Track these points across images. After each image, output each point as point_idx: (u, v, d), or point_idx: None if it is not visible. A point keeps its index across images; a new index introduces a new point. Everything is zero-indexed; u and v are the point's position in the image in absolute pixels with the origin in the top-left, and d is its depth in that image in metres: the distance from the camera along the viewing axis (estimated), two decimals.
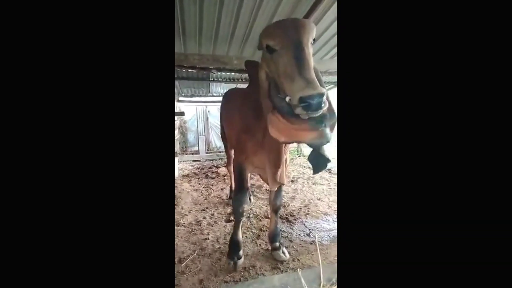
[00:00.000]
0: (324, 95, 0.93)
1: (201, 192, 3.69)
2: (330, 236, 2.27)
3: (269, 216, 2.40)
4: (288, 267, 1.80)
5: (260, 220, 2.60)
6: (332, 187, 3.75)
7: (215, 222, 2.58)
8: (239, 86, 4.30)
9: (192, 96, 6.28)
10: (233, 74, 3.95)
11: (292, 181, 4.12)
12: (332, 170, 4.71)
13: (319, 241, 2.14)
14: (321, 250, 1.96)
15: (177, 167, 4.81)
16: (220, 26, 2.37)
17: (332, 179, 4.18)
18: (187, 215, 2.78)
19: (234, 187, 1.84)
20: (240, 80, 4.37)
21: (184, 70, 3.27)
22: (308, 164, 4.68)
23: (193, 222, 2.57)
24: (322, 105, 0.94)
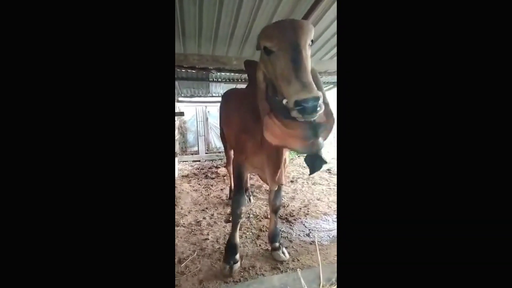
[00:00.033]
0: (319, 99, 0.93)
1: (200, 192, 3.68)
2: (329, 236, 2.27)
3: (268, 217, 2.40)
4: (288, 267, 1.80)
5: (259, 220, 2.60)
6: (331, 187, 3.75)
7: (214, 222, 2.58)
8: (239, 86, 4.31)
9: (191, 96, 6.28)
10: (232, 74, 3.95)
11: (292, 181, 4.12)
12: (332, 170, 4.71)
13: (318, 241, 2.14)
14: (320, 250, 1.96)
15: (176, 167, 4.81)
16: (220, 26, 2.37)
17: (332, 179, 4.18)
18: (186, 215, 2.78)
19: (233, 188, 1.84)
20: (239, 80, 4.37)
21: (183, 70, 3.27)
22: None
23: (192, 223, 2.57)
24: (318, 108, 0.94)
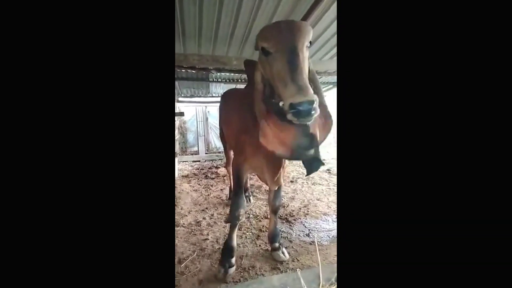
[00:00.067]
0: (314, 102, 0.93)
1: (200, 192, 3.68)
2: (329, 236, 2.27)
3: (268, 217, 2.40)
4: (287, 268, 1.80)
5: (259, 220, 2.60)
6: (331, 187, 3.75)
7: (214, 222, 2.57)
8: (239, 86, 4.31)
9: (191, 96, 6.29)
10: (232, 74, 3.96)
11: (292, 181, 4.12)
12: (332, 170, 4.72)
13: (318, 241, 2.14)
14: (320, 251, 1.96)
15: (176, 167, 4.81)
16: (220, 26, 2.37)
17: (332, 179, 4.18)
18: (186, 215, 2.78)
19: (232, 190, 1.82)
20: (239, 80, 4.37)
21: (183, 70, 3.28)
22: None
23: (192, 223, 2.57)
24: (313, 112, 0.94)
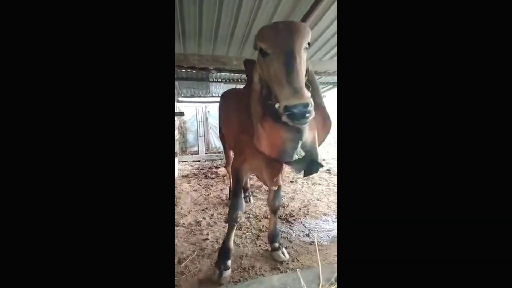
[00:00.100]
0: (309, 105, 0.93)
1: (200, 192, 3.68)
2: (329, 236, 2.27)
3: (268, 217, 2.40)
4: (287, 268, 1.80)
5: (259, 220, 2.59)
6: (331, 187, 3.75)
7: (214, 222, 2.57)
8: (239, 86, 4.30)
9: (191, 96, 6.28)
10: (232, 74, 3.95)
11: (292, 181, 4.12)
12: (332, 170, 4.72)
13: (318, 241, 2.14)
14: (320, 251, 1.96)
15: (176, 167, 4.81)
16: (220, 26, 2.37)
17: (332, 179, 4.18)
18: (186, 215, 2.78)
19: (231, 191, 1.82)
20: (239, 80, 4.37)
21: (183, 70, 3.27)
22: None
23: (192, 223, 2.57)
24: (307, 114, 0.94)
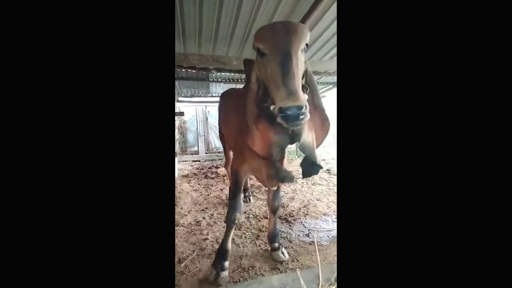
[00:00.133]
0: (303, 108, 0.92)
1: (200, 192, 3.68)
2: (329, 236, 2.27)
3: (268, 217, 2.40)
4: (287, 268, 1.80)
5: (259, 220, 2.59)
6: (331, 187, 3.75)
7: (214, 222, 2.57)
8: (239, 86, 4.30)
9: (191, 96, 6.28)
10: (232, 74, 3.96)
11: None
12: (332, 170, 4.72)
13: (318, 241, 2.14)
14: (320, 251, 1.96)
15: (176, 167, 4.81)
16: (220, 26, 2.37)
17: (331, 179, 4.18)
18: (186, 215, 2.78)
19: (230, 192, 1.81)
20: (239, 80, 4.37)
21: (183, 70, 3.28)
22: None
23: (192, 223, 2.57)
24: (302, 117, 0.93)
